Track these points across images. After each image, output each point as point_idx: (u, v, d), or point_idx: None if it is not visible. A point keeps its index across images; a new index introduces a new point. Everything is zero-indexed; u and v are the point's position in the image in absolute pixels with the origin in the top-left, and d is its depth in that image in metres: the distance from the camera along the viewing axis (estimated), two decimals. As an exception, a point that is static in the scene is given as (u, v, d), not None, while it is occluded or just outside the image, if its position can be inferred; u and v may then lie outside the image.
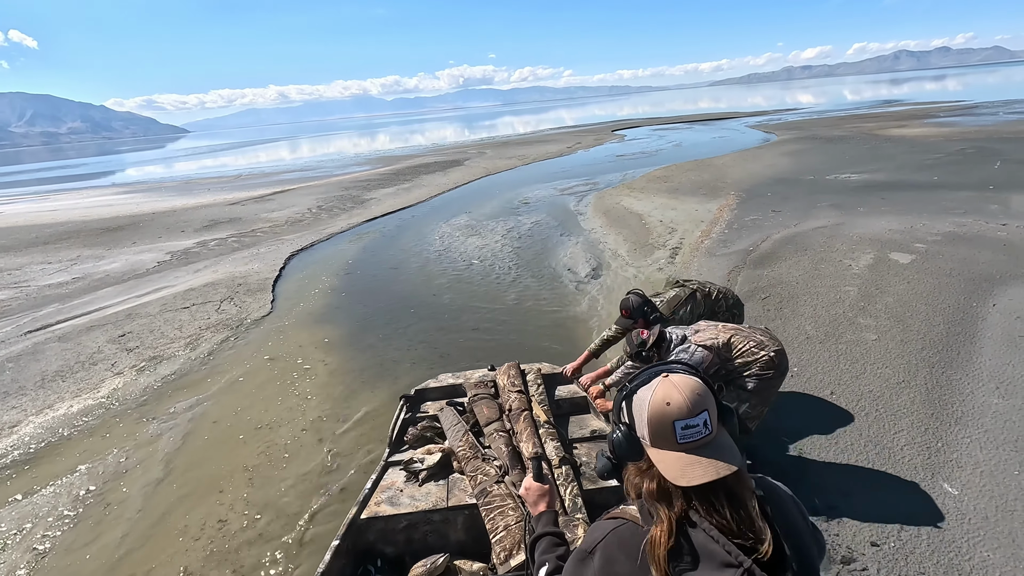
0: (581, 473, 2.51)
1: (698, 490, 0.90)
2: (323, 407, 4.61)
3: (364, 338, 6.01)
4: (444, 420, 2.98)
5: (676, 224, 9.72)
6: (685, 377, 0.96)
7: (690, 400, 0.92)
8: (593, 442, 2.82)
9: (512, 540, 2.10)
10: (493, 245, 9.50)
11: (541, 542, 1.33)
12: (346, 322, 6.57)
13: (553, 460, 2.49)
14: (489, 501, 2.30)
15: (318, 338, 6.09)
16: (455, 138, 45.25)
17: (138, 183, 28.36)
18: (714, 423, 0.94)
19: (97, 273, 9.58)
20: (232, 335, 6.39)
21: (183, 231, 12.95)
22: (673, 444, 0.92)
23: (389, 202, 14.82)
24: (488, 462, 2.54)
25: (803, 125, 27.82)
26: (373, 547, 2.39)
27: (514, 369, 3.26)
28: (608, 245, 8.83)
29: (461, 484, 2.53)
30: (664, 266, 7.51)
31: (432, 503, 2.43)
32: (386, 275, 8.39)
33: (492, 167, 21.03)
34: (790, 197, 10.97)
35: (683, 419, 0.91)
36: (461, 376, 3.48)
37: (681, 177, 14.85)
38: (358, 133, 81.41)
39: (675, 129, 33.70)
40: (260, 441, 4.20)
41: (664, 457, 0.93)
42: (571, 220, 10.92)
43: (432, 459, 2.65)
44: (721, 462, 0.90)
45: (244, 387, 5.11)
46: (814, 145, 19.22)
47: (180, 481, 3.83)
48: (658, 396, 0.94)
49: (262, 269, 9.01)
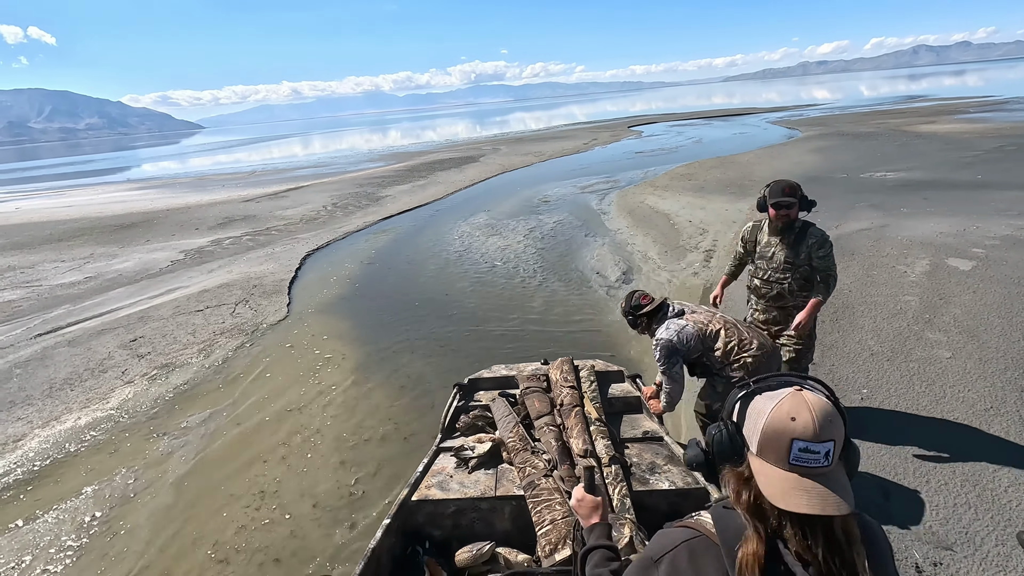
0: (631, 474, 2.47)
1: (795, 520, 0.83)
2: (345, 427, 4.28)
3: (387, 347, 5.68)
4: (495, 410, 2.96)
5: (706, 224, 9.28)
6: (820, 398, 0.86)
7: (820, 424, 0.83)
8: (645, 443, 2.75)
9: (558, 534, 2.08)
10: (515, 246, 9.13)
11: (593, 555, 1.25)
12: (366, 329, 6.24)
13: (603, 458, 2.46)
14: (536, 494, 2.28)
15: (337, 348, 5.77)
16: (468, 134, 44.89)
17: (153, 179, 28.35)
18: (835, 457, 0.84)
19: (109, 272, 9.36)
20: (248, 341, 6.09)
21: (197, 229, 12.73)
22: (783, 462, 0.84)
23: (405, 199, 14.50)
24: (537, 455, 2.53)
25: (826, 121, 27.09)
26: (422, 528, 2.41)
27: (567, 364, 3.21)
28: (637, 247, 8.43)
29: (510, 475, 2.53)
30: (699, 270, 7.09)
31: (481, 491, 2.44)
32: (405, 278, 8.05)
33: (508, 164, 20.65)
34: (825, 197, 10.45)
35: (805, 441, 0.82)
36: (514, 368, 3.47)
37: (706, 175, 14.36)
38: (370, 129, 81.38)
39: (693, 125, 33.05)
40: (277, 461, 3.88)
41: (768, 471, 0.86)
42: (595, 220, 10.52)
43: (482, 448, 2.65)
44: (831, 498, 0.81)
45: (260, 400, 4.80)
46: (841, 142, 18.60)
47: (191, 509, 3.52)
48: (784, 408, 0.85)
49: (277, 270, 8.72)
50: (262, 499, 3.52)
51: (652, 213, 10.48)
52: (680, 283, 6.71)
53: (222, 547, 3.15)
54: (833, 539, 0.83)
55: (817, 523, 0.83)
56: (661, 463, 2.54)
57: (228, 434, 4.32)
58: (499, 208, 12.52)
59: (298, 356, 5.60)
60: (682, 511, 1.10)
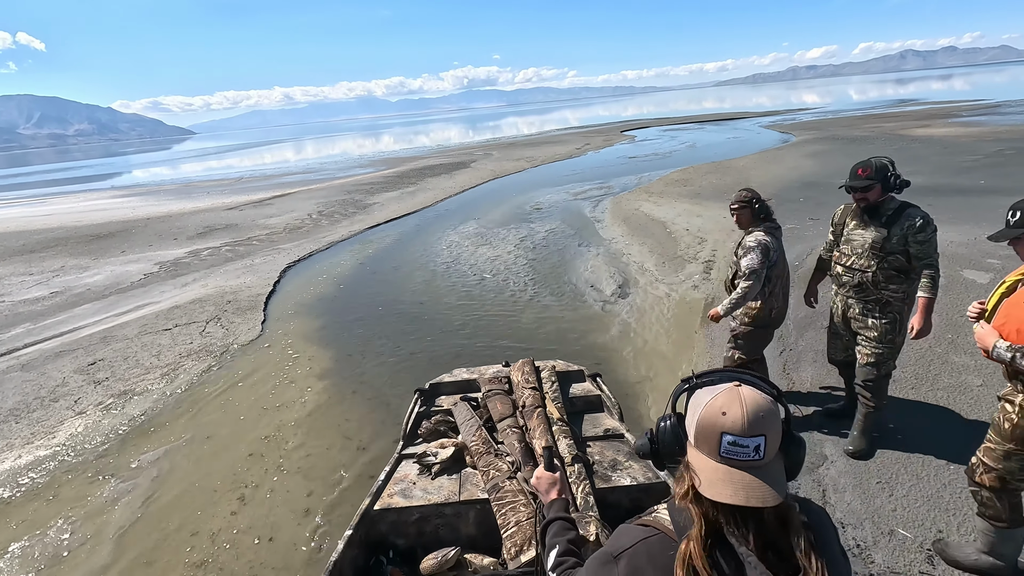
0: (594, 472, 2.48)
1: (726, 508, 0.86)
2: (315, 467, 3.84)
3: (365, 370, 5.25)
4: (458, 415, 2.94)
5: (704, 233, 8.92)
6: (756, 394, 0.88)
7: (749, 419, 0.84)
8: (606, 441, 2.76)
9: (523, 536, 2.08)
10: (505, 257, 8.72)
11: (552, 526, 1.31)
12: (344, 349, 5.80)
13: (566, 458, 2.46)
14: (501, 496, 2.28)
15: (312, 369, 5.33)
16: (460, 139, 44.55)
17: (137, 186, 27.75)
18: (769, 451, 0.85)
19: (78, 287, 8.87)
20: (216, 364, 5.64)
21: (175, 239, 12.24)
22: (714, 453, 0.87)
23: (393, 207, 14.08)
24: (501, 458, 2.52)
25: (820, 125, 26.94)
26: (385, 538, 2.37)
27: (528, 366, 3.20)
28: (633, 257, 8.04)
29: (473, 479, 2.51)
30: (699, 283, 6.71)
31: (444, 497, 2.41)
32: (389, 292, 7.62)
33: (499, 169, 20.28)
34: (825, 203, 10.13)
35: (733, 435, 0.85)
36: (475, 371, 3.44)
37: (701, 180, 14.04)
38: (362, 134, 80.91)
39: (686, 129, 32.86)
40: (236, 510, 3.44)
41: (702, 462, 0.89)
42: (588, 228, 10.14)
43: (445, 453, 2.61)
44: (758, 490, 0.83)
45: (221, 436, 4.35)
46: (837, 146, 18.36)
47: (129, 574, 3.07)
48: (718, 403, 0.87)
49: (255, 283, 8.27)
50: (215, 554, 3.08)
51: (648, 221, 10.11)
52: (679, 297, 6.33)
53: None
54: (765, 527, 0.86)
55: (748, 513, 0.85)
56: (622, 460, 2.57)
57: (182, 476, 3.87)
58: (489, 216, 12.12)
59: (268, 382, 5.16)
60: (644, 506, 1.14)
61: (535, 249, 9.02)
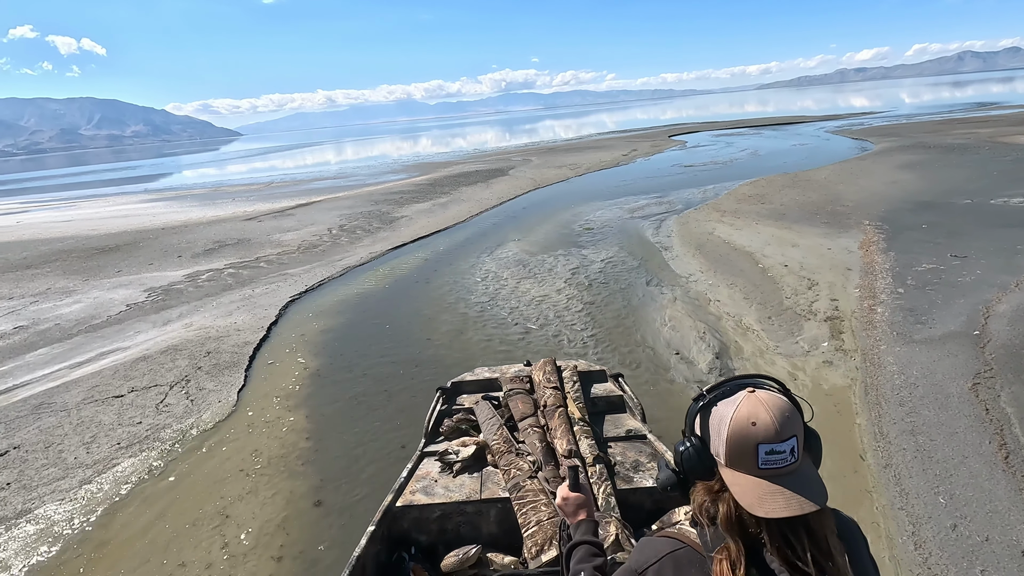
0: (615, 472, 2.42)
1: (775, 524, 0.81)
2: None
3: (365, 481, 3.57)
4: (479, 413, 2.85)
5: (810, 271, 6.95)
6: (774, 396, 0.84)
7: (779, 422, 0.80)
8: (628, 441, 2.68)
9: (544, 535, 2.04)
10: (555, 297, 6.95)
11: (578, 550, 1.24)
12: (345, 445, 4.15)
13: (587, 458, 2.39)
14: (522, 496, 2.23)
15: (297, 488, 3.69)
16: (497, 143, 43.02)
17: (169, 189, 27.18)
18: (800, 451, 0.82)
19: (47, 321, 7.53)
20: (161, 464, 4.06)
21: (180, 256, 10.93)
22: (753, 468, 0.81)
23: (422, 222, 12.50)
24: (522, 457, 2.46)
25: (898, 131, 24.18)
26: (407, 535, 2.33)
27: (550, 365, 3.10)
28: (724, 306, 6.15)
29: (495, 477, 2.45)
30: (832, 354, 4.80)
31: (466, 495, 2.37)
32: (408, 346, 5.95)
33: (540, 178, 18.53)
34: (959, 232, 8.01)
35: (769, 443, 0.80)
36: (497, 370, 3.34)
37: (780, 196, 11.96)
38: (400, 136, 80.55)
39: (741, 135, 30.38)
40: None
41: (740, 481, 0.82)
42: (655, 258, 8.27)
43: (467, 451, 2.56)
44: (804, 496, 0.79)
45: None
46: (932, 155, 15.88)
47: None
48: (742, 413, 0.82)
49: (247, 325, 6.74)
50: None
51: (729, 251, 8.18)
52: (811, 380, 4.43)
53: None
54: (815, 536, 0.82)
55: (798, 523, 0.81)
56: (645, 461, 2.49)
57: None
58: (532, 236, 10.37)
59: (225, 503, 3.54)
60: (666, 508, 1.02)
61: (591, 287, 7.21)
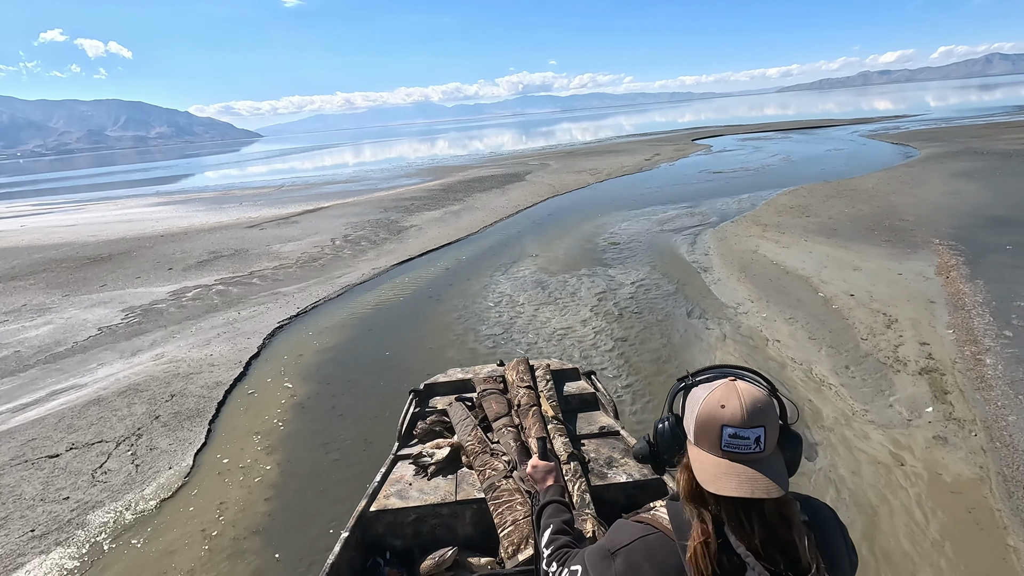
0: (589, 469, 2.43)
1: (729, 504, 0.84)
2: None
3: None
4: (453, 415, 2.84)
5: (884, 303, 5.85)
6: (752, 387, 0.87)
7: (748, 409, 0.83)
8: (602, 438, 2.69)
9: (520, 535, 2.04)
10: (580, 331, 5.95)
11: (548, 508, 1.32)
12: (329, 539, 3.20)
13: (561, 456, 2.38)
14: (497, 496, 2.23)
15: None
16: (514, 146, 42.08)
17: (179, 192, 26.68)
18: (768, 443, 0.84)
19: (8, 345, 6.72)
20: (75, 566, 3.15)
21: (171, 268, 10.14)
22: (715, 448, 0.85)
23: (432, 232, 11.57)
24: (497, 457, 2.44)
25: (940, 135, 22.70)
26: (382, 540, 2.32)
27: (523, 364, 3.07)
28: (785, 348, 5.09)
29: (470, 478, 2.44)
30: (944, 428, 3.72)
31: (441, 497, 2.36)
32: (406, 391, 4.99)
33: (559, 184, 17.52)
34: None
35: (734, 426, 0.83)
36: (470, 371, 3.32)
37: (825, 208, 10.80)
38: (417, 139, 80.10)
39: (768, 139, 29.02)
40: None
41: (702, 458, 0.87)
42: (693, 281, 7.22)
43: (441, 453, 2.54)
44: (761, 482, 0.81)
45: None
46: (990, 163, 14.54)
47: None
48: (715, 396, 0.86)
49: (223, 358, 5.85)
50: None
51: (780, 274, 7.10)
52: (926, 467, 3.36)
53: None
54: (767, 522, 0.83)
55: (751, 507, 0.83)
56: (618, 457, 2.51)
57: None
58: (551, 251, 9.37)
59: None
60: (640, 502, 1.06)
61: (622, 318, 6.19)
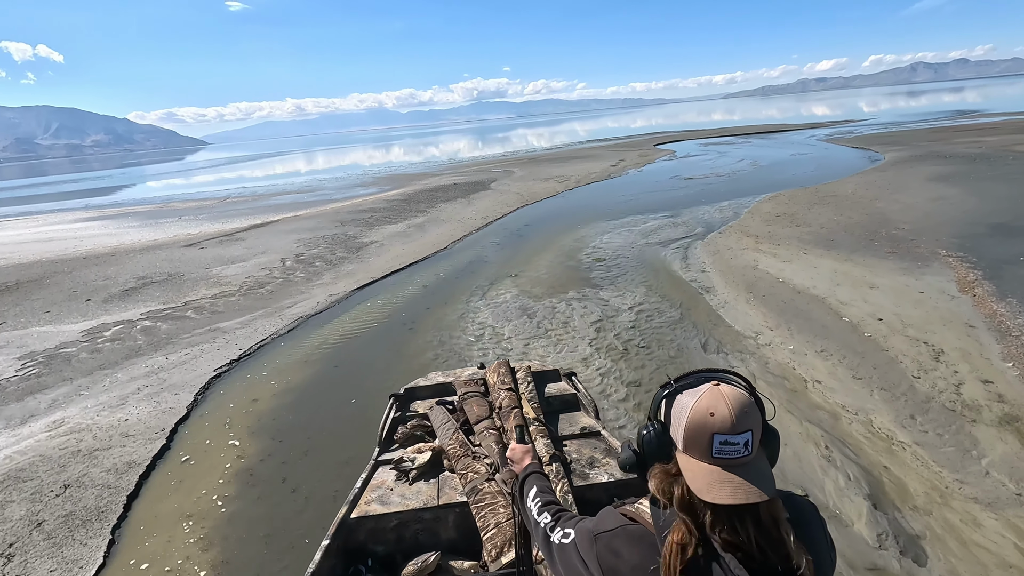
0: (571, 470, 2.43)
1: (723, 510, 0.84)
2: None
3: None
4: (434, 419, 2.82)
5: (920, 329, 5.19)
6: (736, 391, 0.88)
7: (736, 416, 0.84)
8: (584, 439, 2.69)
9: (503, 537, 2.04)
10: (583, 372, 4.99)
11: (529, 478, 1.36)
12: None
13: (543, 457, 2.38)
14: (480, 499, 2.22)
15: None
16: (473, 152, 41.12)
17: (111, 205, 24.39)
18: (755, 445, 0.86)
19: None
20: None
21: (89, 300, 8.67)
22: (706, 456, 0.86)
23: (395, 250, 10.46)
24: (479, 460, 2.43)
25: (896, 139, 23.11)
26: (364, 546, 2.27)
27: (504, 367, 3.08)
28: (830, 392, 4.30)
29: (452, 482, 2.42)
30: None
31: (423, 502, 2.33)
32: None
33: (527, 192, 16.66)
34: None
35: (724, 434, 0.84)
36: (451, 374, 3.32)
37: (813, 216, 10.31)
38: (372, 145, 78.01)
39: (731, 143, 29.10)
40: None
41: (693, 467, 0.87)
42: (697, 305, 6.43)
43: (422, 458, 2.52)
44: (753, 487, 0.83)
45: None
46: (959, 167, 14.52)
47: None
48: (703, 404, 0.86)
49: (141, 426, 4.63)
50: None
51: (791, 294, 6.40)
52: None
53: None
54: (761, 524, 0.85)
55: (745, 511, 0.84)
56: (600, 457, 2.52)
57: None
58: (532, 270, 8.45)
59: None
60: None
61: (628, 354, 5.31)
